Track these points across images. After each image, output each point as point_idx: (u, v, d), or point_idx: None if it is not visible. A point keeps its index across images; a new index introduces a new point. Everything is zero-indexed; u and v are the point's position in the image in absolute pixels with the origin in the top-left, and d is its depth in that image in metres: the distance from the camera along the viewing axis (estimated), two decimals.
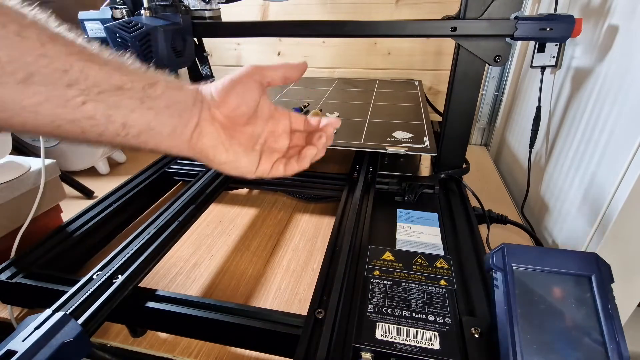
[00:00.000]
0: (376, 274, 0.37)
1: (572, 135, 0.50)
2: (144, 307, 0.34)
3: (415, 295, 0.35)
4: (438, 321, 0.32)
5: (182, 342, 0.37)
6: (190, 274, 0.47)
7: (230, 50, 0.96)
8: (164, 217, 0.44)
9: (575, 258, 0.29)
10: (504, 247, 0.30)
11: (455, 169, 0.55)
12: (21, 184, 0.46)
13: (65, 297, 0.32)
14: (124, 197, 0.53)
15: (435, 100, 0.89)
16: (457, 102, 0.52)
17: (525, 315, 0.28)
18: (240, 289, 0.44)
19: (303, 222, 0.57)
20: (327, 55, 0.91)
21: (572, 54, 0.52)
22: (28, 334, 0.27)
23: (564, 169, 0.50)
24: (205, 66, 0.69)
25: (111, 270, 0.35)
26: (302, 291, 0.44)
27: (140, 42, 0.50)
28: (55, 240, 0.44)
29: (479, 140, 0.89)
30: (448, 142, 0.54)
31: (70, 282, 0.36)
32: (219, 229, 0.55)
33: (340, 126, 0.58)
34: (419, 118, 0.62)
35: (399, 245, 0.42)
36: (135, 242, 0.40)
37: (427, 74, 0.88)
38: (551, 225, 0.52)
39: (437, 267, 0.38)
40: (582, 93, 0.48)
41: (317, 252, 0.50)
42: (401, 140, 0.54)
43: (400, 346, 0.30)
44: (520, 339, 0.27)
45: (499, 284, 0.29)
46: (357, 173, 0.55)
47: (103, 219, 0.48)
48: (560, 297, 0.28)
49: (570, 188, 0.48)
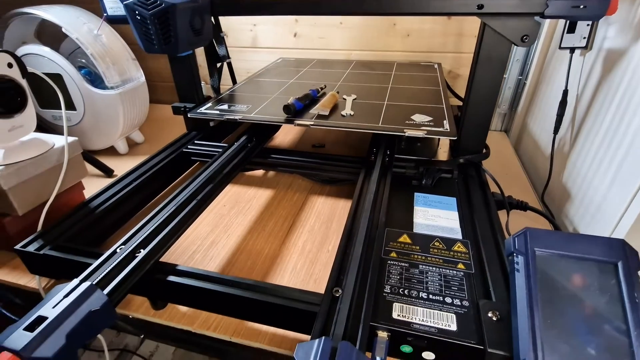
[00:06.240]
0: (393, 255, 0.37)
1: (600, 120, 0.48)
2: (165, 280, 0.35)
3: (433, 278, 0.35)
4: (455, 303, 0.32)
5: (201, 316, 0.39)
6: (208, 252, 0.47)
7: (246, 31, 0.95)
8: (183, 195, 0.45)
9: (601, 244, 0.28)
10: (527, 231, 0.29)
11: (475, 154, 0.53)
12: (45, 160, 0.47)
13: (91, 269, 0.33)
14: (144, 175, 0.53)
15: (454, 84, 0.87)
16: (480, 85, 0.50)
17: (546, 300, 0.27)
18: (257, 267, 0.45)
19: (318, 205, 0.57)
20: (344, 37, 0.89)
21: (605, 35, 0.50)
22: (57, 302, 0.29)
23: (590, 156, 0.49)
24: (222, 46, 0.69)
25: (133, 244, 0.36)
26: (318, 272, 0.44)
27: (159, 20, 0.49)
28: (79, 216, 0.45)
29: (499, 126, 0.87)
30: (468, 126, 0.53)
31: (95, 255, 0.37)
32: (236, 209, 0.56)
33: (357, 109, 0.58)
34: (439, 101, 0.61)
35: (416, 228, 0.42)
36: (156, 219, 0.41)
37: (447, 57, 0.85)
38: (573, 212, 0.51)
39: (455, 250, 0.38)
40: (614, 76, 0.46)
41: (332, 234, 0.50)
42: (420, 123, 0.53)
43: (417, 326, 0.30)
44: (540, 324, 0.26)
45: (520, 268, 0.29)
46: (374, 156, 0.55)
47: (124, 196, 0.49)
48: (584, 284, 0.28)
49: (596, 175, 0.47)
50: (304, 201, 0.58)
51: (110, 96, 0.67)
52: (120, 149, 0.75)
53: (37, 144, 0.48)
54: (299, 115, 0.57)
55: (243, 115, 0.58)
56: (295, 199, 0.58)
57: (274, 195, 0.59)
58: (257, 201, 0.58)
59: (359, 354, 0.25)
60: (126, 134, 0.76)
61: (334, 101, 0.61)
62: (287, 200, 0.58)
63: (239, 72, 0.83)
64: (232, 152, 0.57)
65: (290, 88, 0.70)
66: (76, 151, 0.51)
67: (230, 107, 0.61)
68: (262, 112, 0.59)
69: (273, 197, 0.59)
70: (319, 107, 0.58)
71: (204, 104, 0.64)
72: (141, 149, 0.79)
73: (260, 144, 0.63)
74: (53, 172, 0.48)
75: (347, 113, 0.57)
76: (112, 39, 0.70)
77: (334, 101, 0.61)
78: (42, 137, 0.49)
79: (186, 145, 0.63)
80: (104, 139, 0.73)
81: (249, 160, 0.59)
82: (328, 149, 0.74)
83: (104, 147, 0.75)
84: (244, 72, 0.98)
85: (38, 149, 0.47)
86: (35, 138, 0.49)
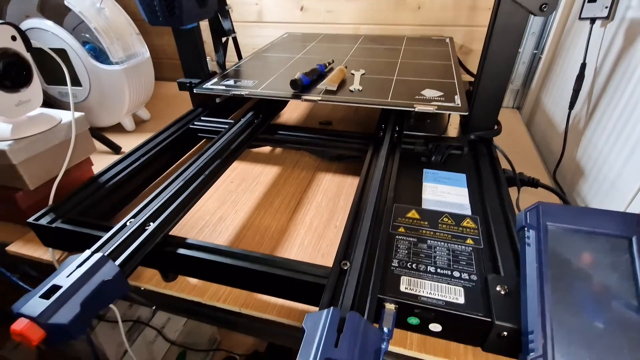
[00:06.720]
0: (401, 230, 0.37)
1: (619, 95, 0.46)
2: (175, 253, 0.35)
3: (441, 252, 0.34)
4: (463, 277, 0.32)
5: (211, 288, 0.39)
6: (217, 227, 0.48)
7: (251, 5, 0.92)
8: (191, 171, 0.45)
9: (616, 218, 0.28)
10: (539, 206, 0.29)
11: (487, 130, 0.52)
12: (54, 135, 0.47)
13: (102, 241, 0.33)
14: (152, 151, 0.53)
15: (466, 60, 0.84)
16: (494, 59, 0.48)
17: (556, 274, 0.27)
18: (265, 243, 0.45)
19: (326, 182, 0.57)
20: (352, 10, 0.86)
21: (629, 4, 0.47)
22: (71, 272, 0.29)
23: (606, 132, 0.47)
24: (227, 20, 0.67)
25: (143, 218, 0.37)
26: (325, 247, 0.45)
27: None
28: (88, 191, 0.45)
29: (511, 103, 0.84)
30: (480, 101, 0.51)
31: (105, 228, 0.37)
32: (243, 186, 0.56)
33: (366, 84, 0.56)
34: (450, 76, 0.59)
35: (425, 204, 0.41)
36: (164, 193, 0.41)
37: (459, 31, 0.82)
38: (585, 190, 0.50)
39: (464, 226, 0.38)
40: (636, 48, 0.44)
41: (339, 210, 0.50)
42: (430, 98, 0.51)
43: (425, 299, 0.30)
44: (549, 297, 0.26)
45: (531, 242, 0.28)
46: (383, 133, 0.54)
47: (132, 172, 0.49)
48: (595, 258, 0.28)
49: (612, 151, 0.46)
50: (311, 178, 0.57)
51: (116, 72, 0.66)
52: (127, 126, 0.75)
53: (45, 119, 0.48)
54: (306, 91, 0.55)
55: (249, 91, 0.57)
56: (303, 176, 0.58)
57: (281, 172, 0.59)
58: (264, 178, 0.58)
59: (367, 324, 0.25)
60: (132, 111, 0.75)
61: (342, 76, 0.59)
62: (294, 178, 0.58)
63: (244, 48, 0.81)
64: (238, 128, 0.56)
65: (297, 63, 0.68)
66: (83, 127, 0.51)
67: (236, 83, 0.60)
68: (268, 87, 0.58)
69: (280, 174, 0.59)
70: (326, 82, 0.56)
71: (210, 79, 0.63)
72: (148, 126, 0.78)
73: (267, 120, 0.63)
74: (61, 148, 0.48)
75: (355, 88, 0.56)
76: (116, 13, 0.68)
77: (342, 76, 0.59)
78: (49, 112, 0.49)
79: (193, 122, 0.63)
80: (111, 115, 0.73)
81: (256, 136, 0.59)
82: (336, 126, 0.73)
83: (111, 125, 0.75)
84: (250, 48, 0.96)
85: (46, 124, 0.47)
86: (42, 113, 0.49)
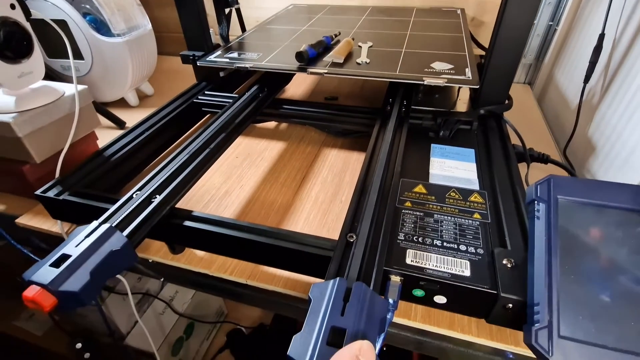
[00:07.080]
0: (407, 205, 0.37)
1: (638, 68, 0.44)
2: (182, 225, 0.35)
3: (447, 227, 0.34)
4: (470, 251, 0.32)
5: (218, 260, 0.40)
6: (222, 201, 0.48)
7: None
8: (196, 144, 0.44)
9: (629, 191, 0.27)
10: (551, 178, 0.28)
11: (497, 105, 0.51)
12: (58, 108, 0.47)
13: (109, 212, 0.34)
14: (156, 125, 0.53)
15: (477, 33, 0.81)
16: (508, 30, 0.46)
17: (565, 247, 0.27)
18: (270, 217, 0.46)
19: (331, 157, 0.56)
20: None
21: None
22: (79, 241, 0.29)
23: (622, 107, 0.46)
24: None
25: (149, 190, 0.37)
26: (331, 221, 0.45)
27: None
28: (94, 164, 0.45)
29: (523, 78, 0.82)
30: (492, 74, 0.50)
31: (112, 200, 0.38)
32: (248, 161, 0.56)
33: (374, 57, 0.55)
34: (461, 48, 0.57)
35: (432, 179, 0.41)
36: (169, 166, 0.41)
37: (470, 2, 0.79)
38: (596, 166, 0.49)
39: (472, 201, 0.37)
40: None
41: (345, 185, 0.50)
42: (440, 71, 0.50)
43: (430, 271, 0.30)
44: (557, 270, 0.26)
45: (540, 215, 0.28)
46: (390, 107, 0.53)
47: (137, 145, 0.49)
48: (606, 232, 0.27)
49: (625, 128, 0.44)
50: (316, 154, 0.57)
51: (118, 44, 0.65)
52: (130, 100, 0.74)
53: (48, 92, 0.47)
54: (312, 64, 0.54)
55: (254, 64, 0.55)
56: (308, 151, 0.58)
57: (287, 147, 0.59)
58: (269, 153, 0.57)
59: (372, 294, 0.25)
60: (136, 85, 0.74)
61: (348, 48, 0.57)
62: (299, 153, 0.57)
63: (248, 21, 0.79)
64: (243, 102, 0.55)
65: (302, 36, 0.66)
66: (87, 100, 0.50)
67: (241, 55, 0.59)
68: (273, 60, 0.56)
69: (285, 150, 0.58)
70: (333, 54, 0.55)
71: (213, 52, 0.61)
72: (151, 101, 0.78)
73: (272, 94, 0.61)
74: (66, 121, 0.48)
75: (362, 61, 0.54)
76: None
77: (349, 48, 0.58)
78: (52, 85, 0.49)
79: (196, 96, 0.62)
80: (114, 90, 0.72)
81: (261, 110, 0.58)
82: (342, 100, 0.71)
83: (114, 99, 0.74)
84: (253, 20, 0.93)
85: (49, 96, 0.46)
86: (45, 86, 0.48)
